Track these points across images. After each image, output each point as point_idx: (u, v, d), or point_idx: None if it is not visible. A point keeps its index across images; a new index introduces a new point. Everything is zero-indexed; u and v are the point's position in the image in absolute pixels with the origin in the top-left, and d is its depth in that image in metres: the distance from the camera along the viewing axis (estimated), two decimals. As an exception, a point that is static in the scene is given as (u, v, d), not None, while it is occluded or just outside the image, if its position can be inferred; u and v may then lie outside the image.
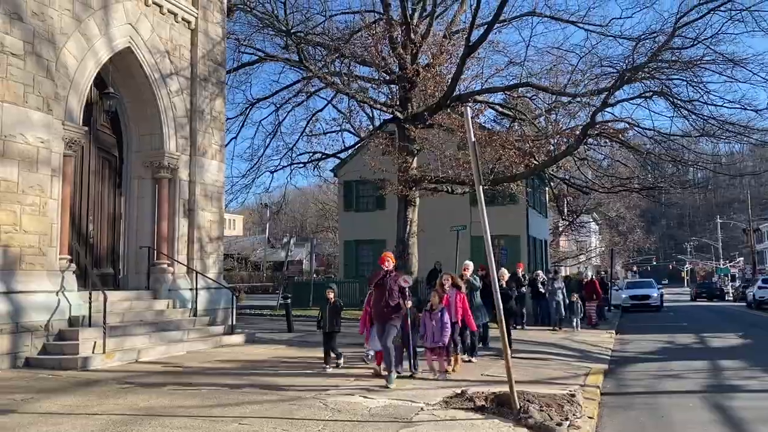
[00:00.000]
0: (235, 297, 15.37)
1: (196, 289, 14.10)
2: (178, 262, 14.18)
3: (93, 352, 10.44)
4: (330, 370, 9.70)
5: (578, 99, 19.88)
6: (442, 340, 9.08)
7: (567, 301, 18.14)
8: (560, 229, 46.90)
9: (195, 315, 13.86)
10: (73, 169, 12.13)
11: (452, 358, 9.80)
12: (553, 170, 25.11)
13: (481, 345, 12.05)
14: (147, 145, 14.18)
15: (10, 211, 10.32)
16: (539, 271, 19.97)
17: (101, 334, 10.61)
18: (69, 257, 11.69)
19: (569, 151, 19.83)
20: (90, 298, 10.99)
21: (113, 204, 13.86)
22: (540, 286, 19.03)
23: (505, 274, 12.19)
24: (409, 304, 8.63)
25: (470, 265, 11.51)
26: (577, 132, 19.15)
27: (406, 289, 8.81)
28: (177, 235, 14.32)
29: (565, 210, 40.34)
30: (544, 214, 35.86)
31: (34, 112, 10.78)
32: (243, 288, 31.54)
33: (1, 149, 10.20)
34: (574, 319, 17.77)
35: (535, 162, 20.32)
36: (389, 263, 8.67)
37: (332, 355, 9.95)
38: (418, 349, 9.60)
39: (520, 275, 18.43)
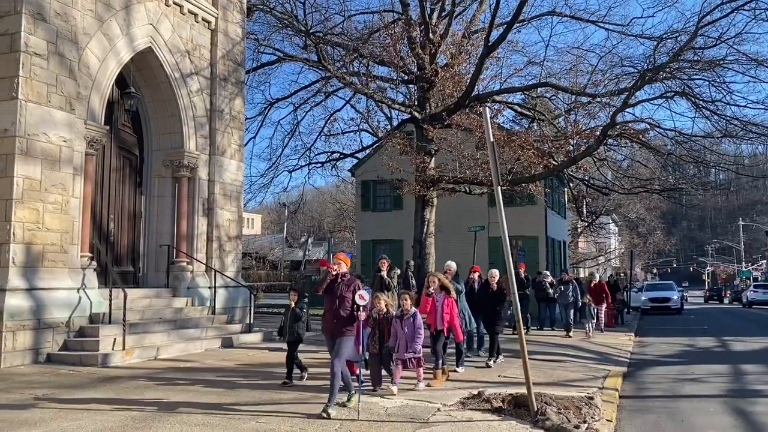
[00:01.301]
0: (252, 295, 15.47)
1: (215, 287, 14.21)
2: (197, 260, 14.29)
3: (113, 349, 10.57)
4: (296, 383, 8.59)
5: (598, 99, 19.67)
6: (414, 348, 8.14)
7: (579, 304, 17.26)
8: (579, 230, 46.52)
9: (213, 313, 13.96)
10: (94, 168, 12.29)
11: (438, 372, 8.79)
12: (572, 171, 24.89)
13: (468, 353, 11.06)
14: (167, 144, 14.32)
15: (33, 209, 10.47)
16: (546, 272, 19.11)
17: (121, 331, 10.73)
18: (90, 255, 11.85)
19: (589, 151, 19.64)
20: (110, 296, 11.13)
21: (134, 202, 14.01)
22: (548, 288, 18.01)
23: (496, 275, 11.05)
24: (363, 316, 7.06)
25: (453, 266, 10.70)
26: (597, 132, 18.94)
27: (360, 304, 7.02)
28: (196, 233, 14.45)
29: (585, 211, 39.96)
30: (563, 215, 35.58)
31: (56, 112, 10.93)
32: (261, 287, 31.73)
33: (24, 148, 10.36)
34: (586, 324, 16.77)
35: (554, 162, 20.16)
36: (340, 266, 7.17)
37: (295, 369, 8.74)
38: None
39: (522, 276, 17.72)
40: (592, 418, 6.66)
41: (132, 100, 13.31)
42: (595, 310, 17.70)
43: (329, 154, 26.42)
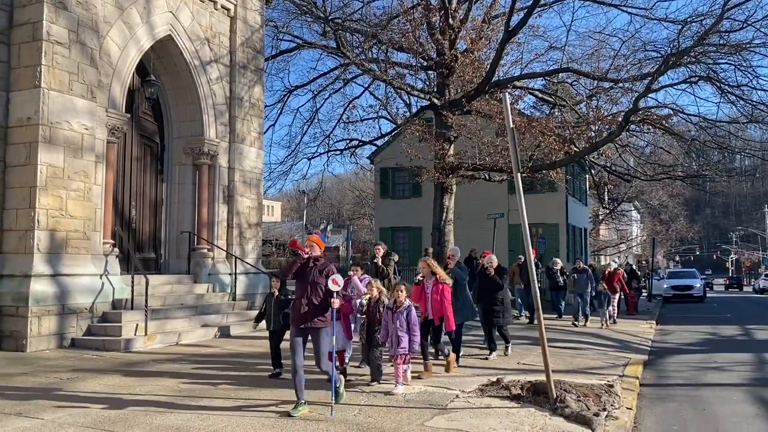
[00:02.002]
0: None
1: (235, 273, 14.32)
2: (217, 247, 14.41)
3: (135, 335, 10.72)
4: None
5: (620, 84, 19.39)
6: (412, 348, 7.39)
7: (592, 293, 16.54)
8: (600, 217, 46.09)
9: (234, 299, 14.08)
10: (116, 156, 12.41)
11: (428, 363, 8.31)
12: (593, 157, 24.59)
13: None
14: (187, 131, 14.41)
15: (57, 196, 10.61)
16: (557, 259, 18.33)
17: (143, 317, 10.88)
18: (112, 242, 12.00)
19: (611, 137, 19.37)
20: (132, 282, 11.27)
21: (155, 190, 14.14)
22: (558, 276, 17.22)
23: (494, 261, 10.27)
24: (337, 303, 6.28)
25: (457, 251, 9.79)
26: (619, 118, 18.67)
27: (333, 290, 6.26)
28: (217, 220, 14.55)
29: (606, 198, 39.57)
30: (584, 202, 35.26)
31: (78, 100, 11.04)
32: (280, 274, 31.90)
33: (47, 136, 10.48)
34: (601, 313, 16.01)
35: (575, 149, 19.94)
36: (313, 249, 6.44)
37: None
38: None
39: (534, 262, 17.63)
40: (612, 405, 6.63)
41: (152, 87, 13.40)
42: (610, 299, 16.68)
43: (348, 141, 26.39)
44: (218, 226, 14.60)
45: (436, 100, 20.02)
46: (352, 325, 8.33)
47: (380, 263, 11.52)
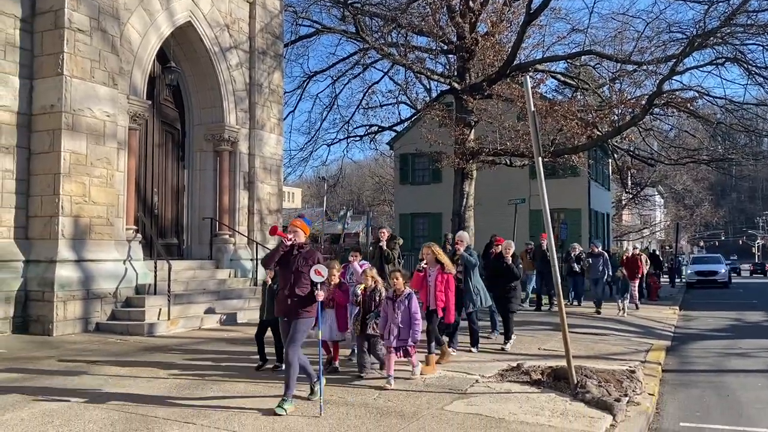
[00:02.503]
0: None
1: (257, 259, 14.42)
2: (239, 233, 14.51)
3: (158, 319, 10.86)
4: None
5: (644, 67, 19.05)
6: (413, 337, 6.89)
7: (608, 279, 15.95)
8: (623, 202, 45.56)
9: (255, 284, 14.19)
10: (137, 142, 12.52)
11: (431, 357, 7.67)
12: (616, 141, 24.32)
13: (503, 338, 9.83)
14: (208, 118, 14.48)
15: (80, 182, 10.75)
16: (575, 245, 17.40)
17: (166, 302, 11.01)
18: (135, 227, 12.14)
19: (634, 121, 19.09)
20: (155, 267, 11.41)
21: (176, 176, 14.25)
22: (574, 262, 16.41)
23: (511, 246, 9.84)
24: (322, 296, 5.84)
25: (465, 236, 9.28)
26: (643, 101, 18.38)
27: (316, 281, 5.77)
28: (238, 206, 14.65)
29: (629, 183, 39.06)
30: (607, 186, 34.87)
31: (100, 87, 11.13)
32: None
33: (70, 123, 10.60)
34: (619, 300, 15.15)
35: (597, 133, 19.69)
36: (297, 235, 5.94)
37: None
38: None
39: (545, 247, 16.44)
40: (633, 391, 6.57)
41: (173, 74, 13.46)
42: (628, 286, 15.80)
43: (367, 127, 26.34)
44: (239, 212, 14.70)
45: (456, 85, 19.85)
46: (350, 316, 7.76)
47: (385, 247, 11.08)
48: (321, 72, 24.15)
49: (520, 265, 10.10)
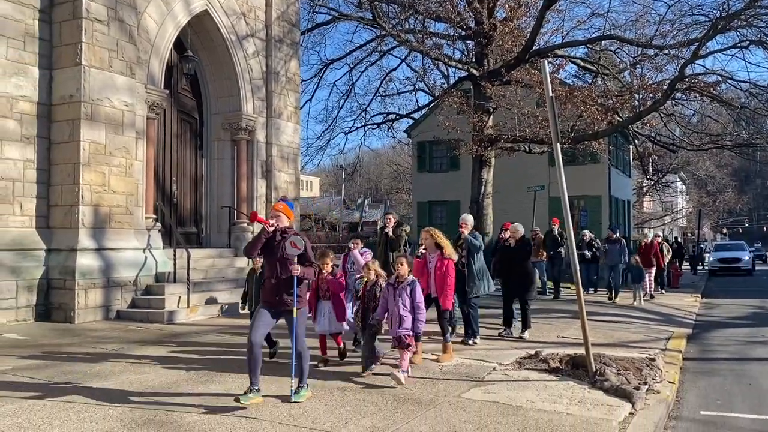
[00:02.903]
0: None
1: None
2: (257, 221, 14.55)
3: (178, 307, 10.96)
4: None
5: (666, 51, 18.71)
6: (416, 329, 6.45)
7: (624, 266, 15.51)
8: (645, 189, 45.01)
9: (273, 273, 14.24)
10: (156, 132, 12.60)
11: (447, 345, 7.50)
12: (637, 127, 23.91)
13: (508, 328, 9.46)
14: (225, 107, 14.51)
15: (99, 172, 10.84)
16: (586, 231, 17.06)
17: (185, 290, 11.10)
18: (154, 216, 12.23)
19: (655, 106, 18.77)
20: (174, 256, 11.50)
21: (195, 165, 14.33)
22: (586, 249, 15.99)
23: (518, 230, 9.41)
24: (298, 270, 5.39)
25: (469, 219, 8.83)
26: (665, 86, 18.07)
27: (309, 254, 5.58)
28: (255, 195, 14.70)
29: (651, 169, 38.57)
30: (628, 173, 34.45)
31: (118, 76, 11.19)
32: (320, 248, 32.31)
33: (89, 113, 10.68)
34: (635, 289, 14.62)
35: (618, 119, 19.42)
36: (279, 219, 5.60)
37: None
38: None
39: (556, 233, 15.87)
40: (653, 379, 6.50)
41: (190, 63, 13.49)
42: (642, 274, 15.14)
43: (385, 115, 26.23)
44: (257, 200, 14.75)
45: (474, 71, 19.68)
46: (349, 306, 7.42)
47: (391, 234, 10.57)
48: (338, 60, 24.08)
49: (529, 248, 9.59)
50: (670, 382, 6.71)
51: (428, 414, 5.28)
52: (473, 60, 20.67)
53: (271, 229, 5.54)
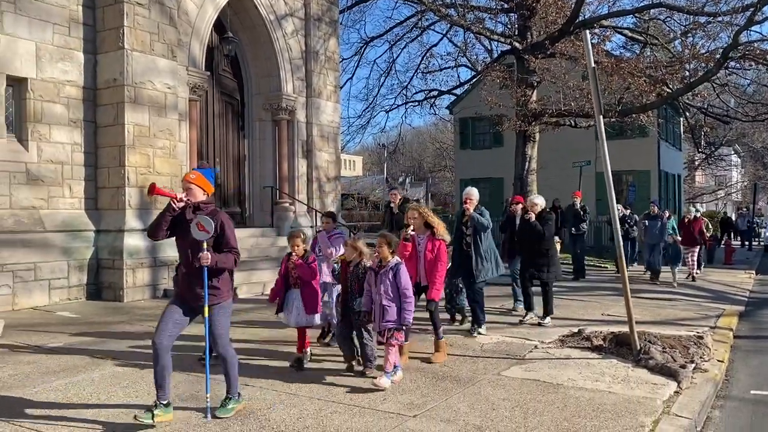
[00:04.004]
0: (352, 234, 15.74)
1: (316, 226, 14.58)
2: (298, 200, 14.68)
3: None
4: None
5: (719, 18, 17.94)
6: (403, 320, 5.45)
7: (665, 244, 13.89)
8: (696, 162, 43.57)
9: (315, 251, 14.35)
10: (198, 113, 12.75)
11: (441, 342, 6.44)
12: (688, 98, 23.10)
13: (525, 310, 8.70)
14: (265, 87, 14.58)
15: (144, 154, 11.05)
16: (618, 206, 15.92)
17: (229, 269, 11.26)
18: (198, 197, 12.41)
19: (707, 76, 18.05)
20: (218, 235, 11.65)
21: (237, 146, 14.48)
22: (617, 225, 14.96)
23: (536, 203, 8.53)
24: (207, 259, 4.34)
25: (474, 193, 7.64)
26: (717, 55, 17.34)
27: (228, 238, 4.54)
28: (296, 175, 14.79)
29: (702, 142, 37.24)
30: (678, 146, 33.37)
31: (160, 59, 11.34)
32: (363, 226, 32.38)
33: (132, 96, 10.87)
34: (673, 269, 13.34)
35: (668, 90, 18.76)
36: (191, 192, 4.54)
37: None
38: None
39: (578, 207, 14.20)
40: (701, 358, 6.31)
41: (230, 44, 13.56)
42: (679, 253, 13.83)
43: (426, 91, 25.99)
44: (298, 180, 14.84)
45: (517, 44, 19.25)
46: (324, 296, 6.48)
47: (396, 210, 9.86)
48: (378, 37, 23.91)
49: (550, 222, 8.37)
50: (719, 360, 6.51)
51: (467, 391, 5.25)
52: (516, 33, 20.22)
53: (181, 204, 4.47)
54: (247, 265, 12.12)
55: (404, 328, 5.59)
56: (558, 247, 17.57)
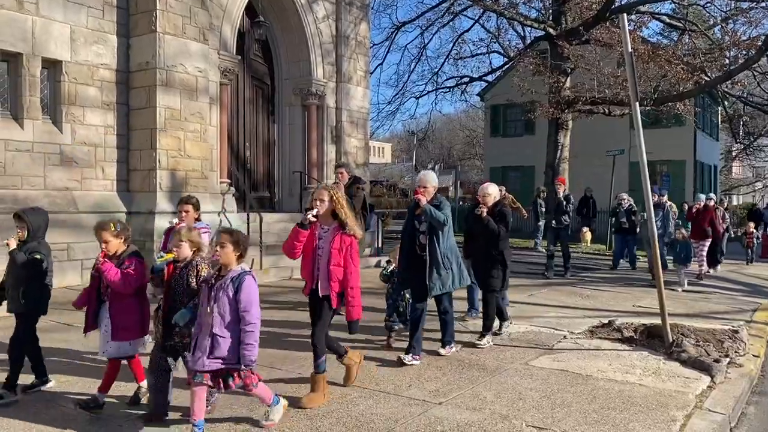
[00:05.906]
0: (381, 221, 15.73)
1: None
2: (326, 186, 14.68)
3: (251, 268, 11.19)
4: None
5: (762, 3, 17.41)
6: (245, 357, 3.82)
7: (668, 239, 12.24)
8: (734, 153, 42.49)
9: (343, 237, 14.35)
10: (229, 97, 12.79)
11: (318, 377, 4.73)
12: (727, 87, 22.47)
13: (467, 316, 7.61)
14: (296, 72, 14.56)
15: (175, 137, 11.13)
16: (623, 195, 13.98)
17: (258, 252, 11.33)
18: (228, 181, 12.50)
19: (748, 64, 17.54)
20: (248, 219, 11.74)
21: (267, 131, 14.51)
22: (624, 216, 13.43)
23: (488, 192, 6.73)
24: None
25: (431, 179, 5.89)
26: (759, 42, 16.82)
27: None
28: (325, 160, 14.78)
29: (741, 132, 36.28)
30: (715, 136, 32.58)
31: (191, 43, 11.37)
32: (392, 213, 32.38)
33: (164, 79, 10.93)
34: (679, 270, 11.14)
35: (706, 78, 18.30)
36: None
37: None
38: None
39: (561, 196, 12.14)
40: (735, 352, 6.14)
41: (261, 29, 13.54)
42: (689, 250, 11.41)
43: (457, 78, 25.78)
44: (327, 165, 14.83)
45: (551, 30, 18.95)
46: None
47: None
48: (409, 22, 23.76)
49: (508, 218, 6.70)
50: (754, 355, 6.33)
51: (493, 380, 5.19)
52: (550, 19, 19.91)
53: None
54: (275, 249, 12.14)
55: (247, 366, 3.83)
56: (588, 236, 17.43)
